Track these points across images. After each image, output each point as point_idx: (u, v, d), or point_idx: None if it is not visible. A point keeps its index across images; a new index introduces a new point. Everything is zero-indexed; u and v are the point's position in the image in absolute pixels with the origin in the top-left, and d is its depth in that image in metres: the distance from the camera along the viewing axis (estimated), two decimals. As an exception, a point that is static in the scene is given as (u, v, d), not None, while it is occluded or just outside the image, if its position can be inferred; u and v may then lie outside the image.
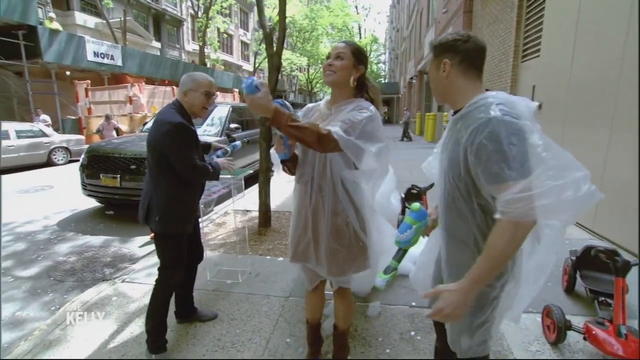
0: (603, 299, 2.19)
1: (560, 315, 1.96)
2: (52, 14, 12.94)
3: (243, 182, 3.17)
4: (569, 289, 2.56)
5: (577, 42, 4.25)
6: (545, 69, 5.14)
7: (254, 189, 5.23)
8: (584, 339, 1.93)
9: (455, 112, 1.18)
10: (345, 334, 1.83)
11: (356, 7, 31.66)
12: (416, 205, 1.36)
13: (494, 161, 0.97)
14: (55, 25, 12.18)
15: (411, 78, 21.69)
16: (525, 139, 0.99)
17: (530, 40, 5.68)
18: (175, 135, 1.83)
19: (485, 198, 1.07)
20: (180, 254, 2.04)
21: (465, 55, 1.14)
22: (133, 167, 4.51)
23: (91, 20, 17.23)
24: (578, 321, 2.06)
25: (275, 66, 3.80)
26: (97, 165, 4.71)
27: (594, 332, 1.87)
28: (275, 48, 3.80)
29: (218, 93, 18.47)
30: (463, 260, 1.16)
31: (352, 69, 1.47)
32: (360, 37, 33.10)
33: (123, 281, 2.95)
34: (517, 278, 1.15)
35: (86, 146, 11.36)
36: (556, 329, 1.97)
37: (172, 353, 2.07)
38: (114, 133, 11.15)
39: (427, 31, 15.71)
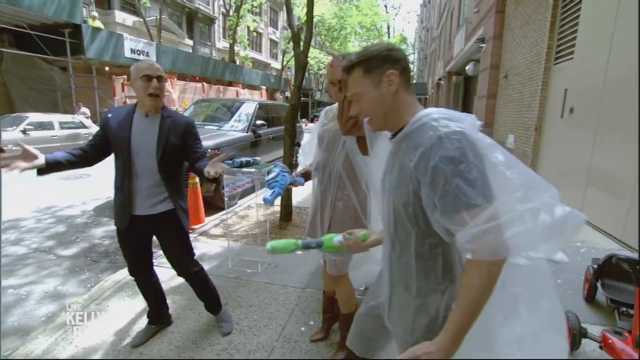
0: (624, 309, 2.15)
1: (576, 322, 1.94)
2: (95, 13, 13.68)
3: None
4: (590, 298, 2.51)
5: (613, 43, 4.09)
6: (578, 72, 4.96)
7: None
8: (600, 347, 1.90)
9: (394, 135, 1.03)
10: (349, 318, 1.91)
11: (385, 6, 31.38)
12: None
13: (454, 185, 0.82)
14: (97, 23, 12.87)
15: (439, 79, 21.29)
16: (483, 156, 0.86)
17: (564, 41, 5.49)
18: None
19: (430, 231, 0.94)
20: (120, 245, 2.05)
21: (404, 63, 1.01)
22: (164, 159, 4.76)
23: (129, 19, 18.06)
24: (596, 330, 2.03)
25: (302, 65, 3.91)
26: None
27: (610, 341, 1.84)
28: (302, 48, 3.90)
29: (246, 90, 18.73)
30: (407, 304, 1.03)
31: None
32: (389, 37, 32.75)
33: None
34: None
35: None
36: (571, 336, 1.95)
37: (193, 333, 2.22)
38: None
39: (458, 31, 15.36)
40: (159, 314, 2.25)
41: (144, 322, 2.35)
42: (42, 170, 1.72)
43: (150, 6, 17.50)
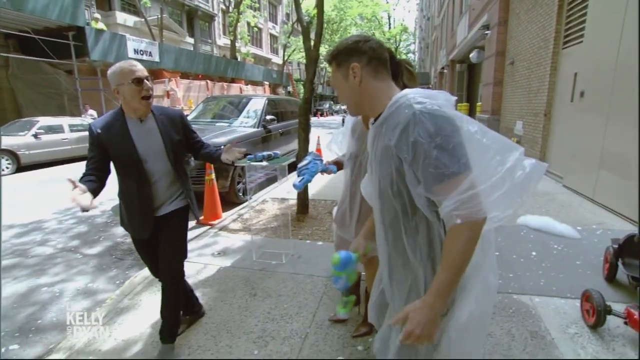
0: (646, 286, 2.20)
1: (600, 299, 2.00)
2: (97, 15, 13.71)
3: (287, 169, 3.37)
4: (610, 277, 2.56)
5: (625, 26, 4.08)
6: (588, 56, 4.95)
7: (288, 179, 5.44)
8: (625, 323, 1.96)
9: (375, 120, 1.08)
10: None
11: (386, -5, 31.09)
12: (335, 258, 1.30)
13: (434, 157, 0.88)
14: (100, 25, 12.92)
15: (442, 68, 21.14)
16: (458, 128, 0.92)
17: (573, 25, 5.46)
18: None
19: (414, 204, 0.99)
20: (138, 252, 2.04)
21: (372, 53, 1.06)
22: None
23: (130, 19, 18.06)
24: (619, 308, 2.08)
25: (313, 59, 3.94)
26: (146, 155, 5.07)
27: (635, 317, 1.90)
28: (313, 42, 3.93)
29: (249, 86, 18.75)
30: (407, 277, 1.09)
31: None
32: (390, 27, 32.45)
33: (177, 260, 3.24)
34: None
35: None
36: (595, 313, 2.01)
37: (227, 322, 2.30)
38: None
39: (460, 19, 15.22)
40: (188, 305, 2.26)
41: (177, 314, 2.44)
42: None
43: (150, 6, 17.47)
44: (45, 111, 12.08)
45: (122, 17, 17.68)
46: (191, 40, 22.35)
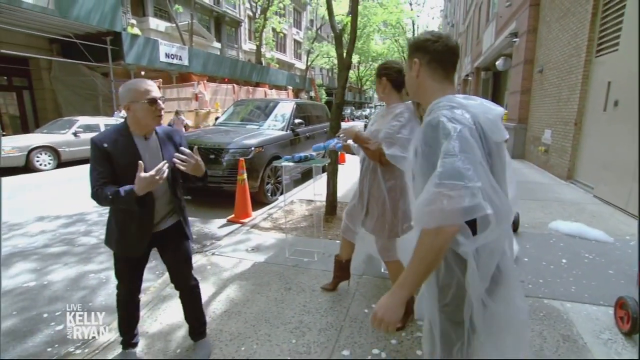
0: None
1: (636, 306, 2.01)
2: (133, 21, 14.39)
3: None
4: (645, 287, 2.54)
5: (663, 35, 4.01)
6: (623, 64, 4.87)
7: (313, 182, 5.59)
8: (660, 331, 1.97)
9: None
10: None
11: (410, 3, 31.02)
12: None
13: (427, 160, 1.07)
14: (136, 30, 13.55)
15: (467, 75, 20.90)
16: (443, 136, 1.02)
17: (607, 33, 5.38)
18: (90, 152, 1.72)
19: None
20: (117, 269, 1.93)
21: (434, 55, 1.17)
22: (212, 156, 5.06)
23: (162, 25, 18.82)
24: (654, 316, 2.09)
25: (346, 65, 4.07)
26: (181, 154, 5.32)
27: (671, 325, 1.91)
28: (346, 49, 4.06)
29: (273, 90, 19.09)
30: None
31: (378, 84, 2.17)
32: (414, 34, 32.37)
33: (213, 254, 3.41)
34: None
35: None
36: (631, 320, 2.02)
37: (265, 313, 2.44)
38: (183, 128, 12.21)
39: (487, 26, 15.07)
40: (136, 335, 2.14)
41: (217, 303, 2.59)
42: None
43: (182, 11, 18.18)
44: (81, 111, 12.73)
45: (155, 23, 18.46)
46: (218, 45, 23.02)
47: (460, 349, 1.15)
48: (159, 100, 1.73)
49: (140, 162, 1.61)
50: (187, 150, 1.77)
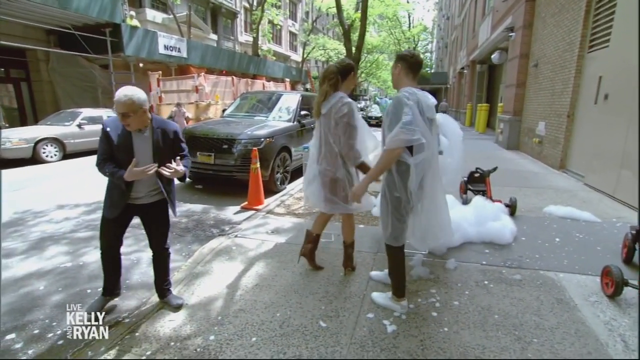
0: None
1: (619, 273, 2.33)
2: (132, 12, 14.35)
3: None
4: (628, 260, 2.88)
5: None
6: (614, 60, 5.18)
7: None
8: (640, 294, 2.29)
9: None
10: (352, 246, 2.88)
11: (406, -6, 31.11)
12: None
13: (391, 119, 2.07)
14: (135, 22, 13.53)
15: (462, 68, 21.20)
16: (402, 106, 2.02)
17: (599, 30, 5.69)
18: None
19: None
20: (101, 226, 2.40)
21: (409, 64, 2.18)
22: (225, 146, 5.28)
23: (159, 16, 18.71)
24: (635, 283, 2.41)
25: (355, 60, 4.31)
26: (193, 144, 5.53)
27: (649, 288, 2.23)
28: (356, 44, 4.28)
29: (271, 82, 19.06)
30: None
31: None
32: (410, 27, 32.48)
33: (236, 236, 3.68)
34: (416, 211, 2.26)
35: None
36: (614, 284, 2.35)
37: (293, 285, 2.71)
38: (184, 120, 12.32)
39: (483, 20, 15.32)
40: (117, 287, 2.62)
41: (247, 278, 2.86)
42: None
43: (180, 3, 18.09)
44: (80, 103, 12.75)
45: (152, 14, 18.35)
46: (215, 36, 22.93)
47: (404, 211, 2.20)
48: (123, 116, 2.08)
49: (135, 159, 2.12)
50: (173, 166, 2.22)
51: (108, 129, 2.19)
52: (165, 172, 2.19)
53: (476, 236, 3.37)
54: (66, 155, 8.92)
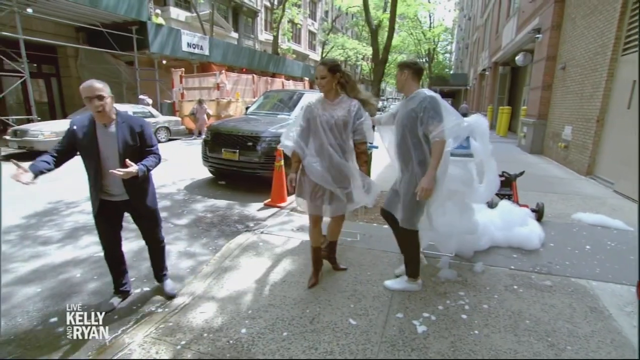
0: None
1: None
2: (158, 11, 14.70)
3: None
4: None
5: (691, 37, 4.17)
6: (649, 64, 5.01)
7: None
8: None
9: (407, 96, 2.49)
10: (335, 244, 2.92)
11: (428, -5, 30.75)
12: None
13: (430, 115, 2.26)
14: (160, 20, 13.85)
15: (484, 69, 20.81)
16: (441, 105, 2.31)
17: (635, 32, 5.51)
18: None
19: (419, 137, 2.34)
20: (96, 227, 2.46)
21: (413, 71, 2.46)
22: (250, 143, 5.37)
23: (182, 14, 19.07)
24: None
25: (383, 60, 4.32)
26: (219, 141, 5.65)
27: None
28: (384, 45, 4.30)
29: (290, 81, 19.22)
30: (408, 175, 2.42)
31: (332, 79, 2.48)
32: (431, 27, 32.07)
33: (262, 233, 3.74)
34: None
35: (182, 127, 12.90)
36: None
37: (321, 282, 2.75)
38: (205, 116, 12.54)
39: (507, 21, 14.99)
40: (125, 283, 2.67)
41: (275, 274, 2.92)
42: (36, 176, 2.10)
43: (203, 2, 18.40)
44: (106, 99, 13.11)
45: (176, 12, 18.72)
46: (235, 35, 23.23)
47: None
48: (94, 99, 2.11)
49: (13, 160, 2.10)
50: (122, 169, 2.14)
51: (74, 128, 2.22)
52: (117, 173, 2.12)
53: (503, 240, 3.34)
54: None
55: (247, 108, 7.41)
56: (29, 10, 9.79)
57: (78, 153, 2.34)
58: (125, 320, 2.48)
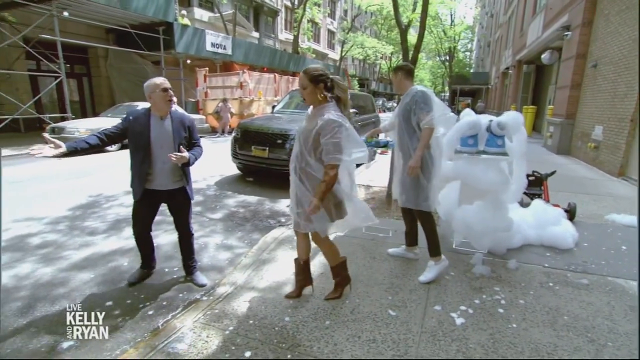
0: None
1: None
2: (184, 12, 15.10)
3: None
4: None
5: None
6: (689, 62, 4.87)
7: (362, 170, 5.95)
8: None
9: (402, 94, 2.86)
10: (337, 269, 2.54)
11: (449, -7, 30.30)
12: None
13: (421, 106, 2.60)
14: (186, 21, 14.23)
15: (507, 68, 20.39)
16: (431, 98, 2.66)
17: (672, 30, 5.35)
18: None
19: (413, 127, 2.69)
20: (133, 210, 2.70)
21: (405, 71, 2.81)
22: (279, 141, 5.51)
23: (205, 15, 19.47)
24: None
25: (413, 60, 4.37)
26: (248, 138, 5.81)
27: None
28: (415, 44, 4.34)
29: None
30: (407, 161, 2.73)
31: (314, 89, 2.15)
32: (452, 24, 31.57)
33: (295, 227, 3.86)
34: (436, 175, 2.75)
35: (206, 125, 13.21)
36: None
37: (358, 275, 2.84)
38: (229, 115, 12.82)
39: (533, 18, 14.65)
40: (152, 261, 3.00)
41: (312, 267, 2.98)
42: (67, 154, 2.28)
43: (225, 2, 18.74)
44: (133, 97, 13.59)
45: (200, 13, 19.13)
46: (256, 34, 23.53)
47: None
48: (169, 90, 2.46)
49: (45, 135, 2.44)
50: (179, 154, 2.45)
51: (130, 118, 2.51)
52: (173, 157, 2.40)
53: (536, 239, 3.35)
54: (123, 146, 9.59)
55: (273, 107, 7.57)
56: (65, 13, 10.25)
57: (121, 144, 2.65)
58: (173, 305, 2.63)
